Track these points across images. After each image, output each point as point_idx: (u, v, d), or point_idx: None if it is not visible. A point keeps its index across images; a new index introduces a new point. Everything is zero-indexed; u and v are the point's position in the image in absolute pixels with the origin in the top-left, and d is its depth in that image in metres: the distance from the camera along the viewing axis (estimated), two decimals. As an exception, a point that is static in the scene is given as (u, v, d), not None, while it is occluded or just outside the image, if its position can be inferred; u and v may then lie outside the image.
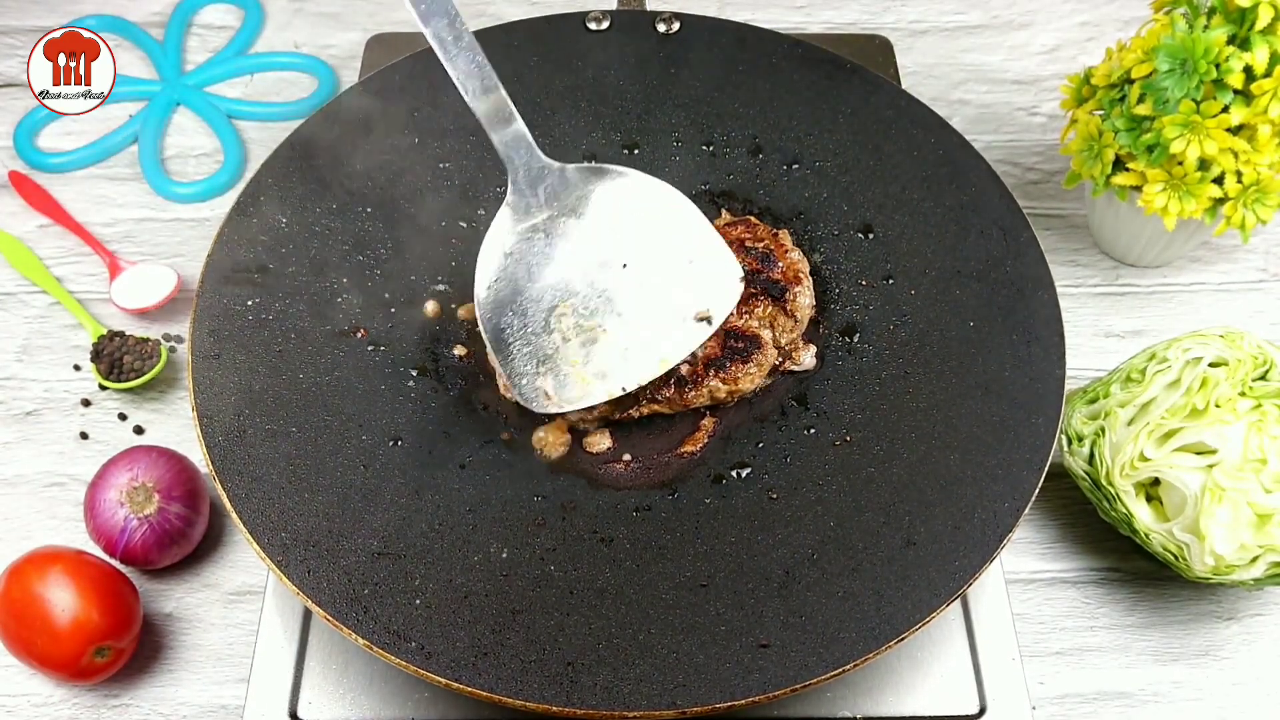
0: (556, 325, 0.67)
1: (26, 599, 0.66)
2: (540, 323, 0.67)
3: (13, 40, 1.04)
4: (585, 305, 0.68)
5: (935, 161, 0.78)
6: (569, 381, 0.66)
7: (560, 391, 0.66)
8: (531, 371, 0.66)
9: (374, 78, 0.81)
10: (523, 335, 0.67)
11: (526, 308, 0.68)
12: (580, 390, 0.66)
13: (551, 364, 0.66)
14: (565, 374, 0.66)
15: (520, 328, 0.67)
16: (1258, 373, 0.70)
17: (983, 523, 0.62)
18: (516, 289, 0.68)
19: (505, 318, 0.67)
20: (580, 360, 0.66)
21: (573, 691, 0.56)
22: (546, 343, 0.67)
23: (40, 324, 0.86)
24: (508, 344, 0.67)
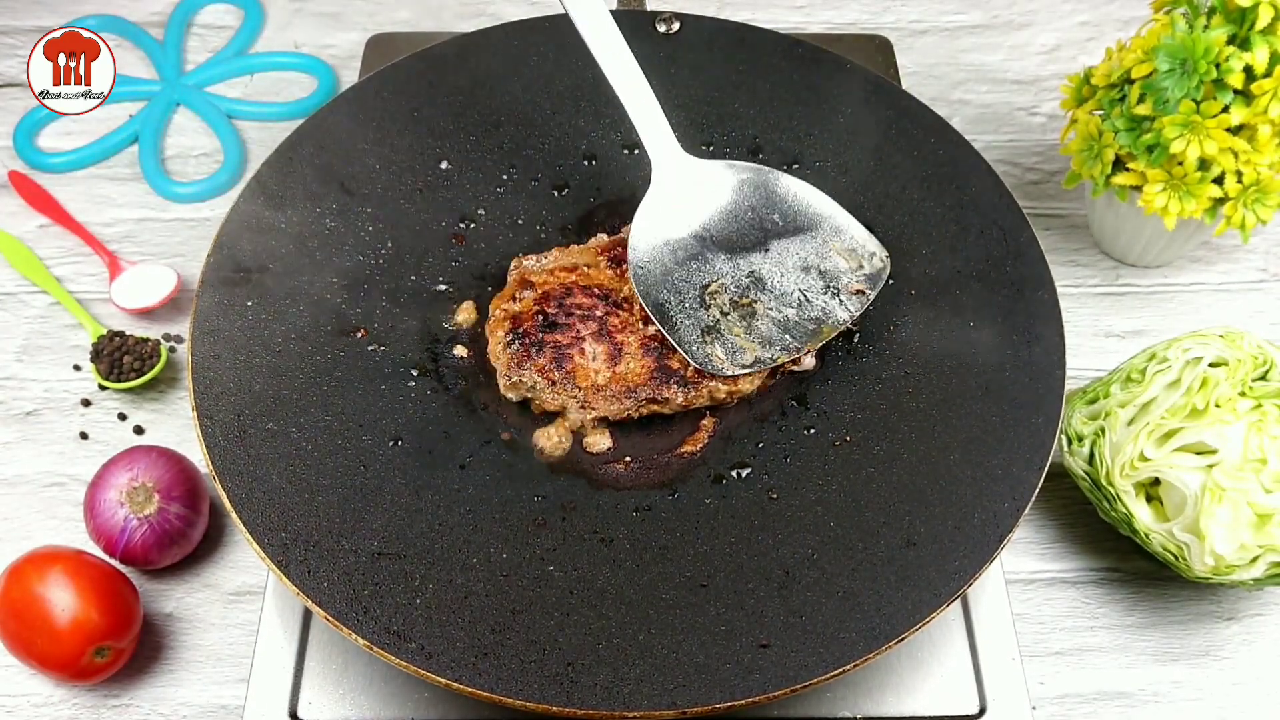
0: (712, 301, 0.70)
1: (26, 599, 0.66)
2: (695, 299, 0.70)
3: (13, 40, 1.04)
4: (735, 284, 0.71)
5: (935, 161, 0.78)
6: (738, 348, 0.69)
7: (732, 356, 0.68)
8: (699, 340, 0.69)
9: (374, 78, 0.81)
10: (682, 309, 0.70)
11: (679, 286, 0.71)
12: (751, 355, 0.69)
13: (716, 333, 0.69)
14: (732, 342, 0.69)
15: (678, 303, 0.70)
16: (1258, 373, 0.70)
17: (983, 523, 0.62)
18: (666, 269, 0.71)
19: (661, 294, 0.70)
20: (743, 331, 0.69)
21: (573, 691, 0.56)
22: (706, 316, 0.70)
23: (40, 324, 0.86)
24: (670, 317, 0.70)
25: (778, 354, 0.69)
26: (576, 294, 0.71)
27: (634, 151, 0.81)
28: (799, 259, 0.72)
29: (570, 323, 0.70)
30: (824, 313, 0.70)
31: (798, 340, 0.69)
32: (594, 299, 0.71)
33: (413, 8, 1.07)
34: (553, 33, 0.85)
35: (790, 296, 0.70)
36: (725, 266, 0.72)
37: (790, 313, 0.70)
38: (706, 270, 0.71)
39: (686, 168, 0.74)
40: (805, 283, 0.71)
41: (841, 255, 0.71)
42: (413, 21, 1.05)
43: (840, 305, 0.70)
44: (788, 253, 0.72)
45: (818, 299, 0.70)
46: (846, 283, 0.71)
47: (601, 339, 0.70)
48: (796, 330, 0.69)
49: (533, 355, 0.69)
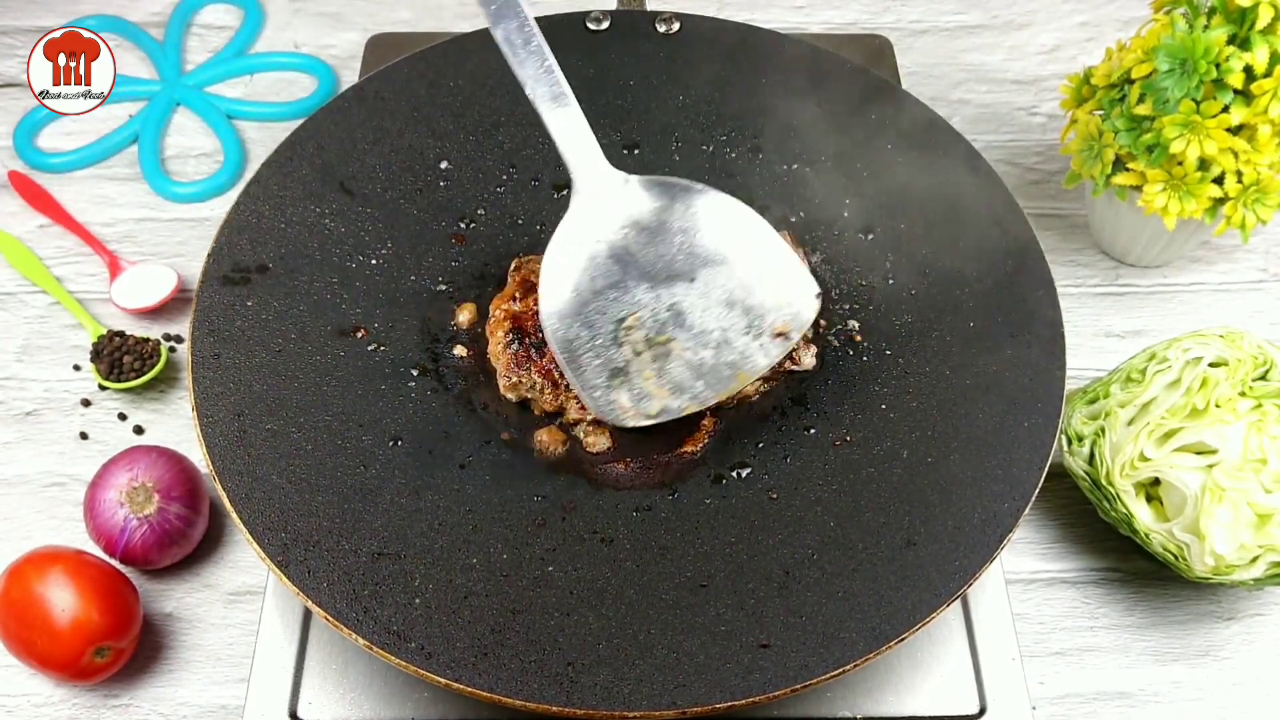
0: (626, 338, 0.65)
1: (26, 599, 0.66)
2: (609, 335, 0.65)
3: (13, 40, 1.04)
4: (654, 319, 0.66)
5: (935, 161, 0.78)
6: (645, 395, 0.65)
7: (638, 404, 0.65)
8: (604, 384, 0.65)
9: (374, 78, 0.81)
10: (592, 348, 0.65)
11: (593, 319, 0.66)
12: (658, 404, 0.64)
13: (625, 376, 0.65)
14: (640, 387, 0.65)
15: (589, 339, 0.65)
16: (1258, 373, 0.70)
17: (983, 523, 0.62)
18: (581, 300, 0.66)
19: (573, 329, 0.65)
20: (654, 374, 0.64)
21: (573, 691, 0.56)
22: (617, 355, 0.65)
23: (40, 324, 0.86)
24: (578, 356, 0.65)
25: (686, 403, 0.65)
26: (576, 294, 0.71)
27: (634, 151, 0.81)
28: (724, 292, 0.66)
29: (570, 323, 0.70)
30: (742, 356, 0.65)
31: (710, 388, 0.65)
32: (593, 299, 0.71)
33: (413, 8, 1.07)
34: (553, 33, 0.85)
35: (710, 336, 0.65)
36: (646, 297, 0.66)
37: (707, 355, 0.65)
38: (625, 302, 0.66)
39: (610, 185, 0.67)
40: (728, 320, 0.66)
41: (770, 289, 0.66)
42: (413, 21, 1.05)
43: (760, 349, 0.65)
44: (714, 284, 0.66)
45: (738, 340, 0.65)
46: (771, 321, 0.66)
47: (601, 339, 0.69)
48: (711, 376, 0.65)
49: (533, 356, 0.69)
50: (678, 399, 0.65)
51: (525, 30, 0.64)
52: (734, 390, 0.66)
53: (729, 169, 0.80)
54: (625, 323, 0.65)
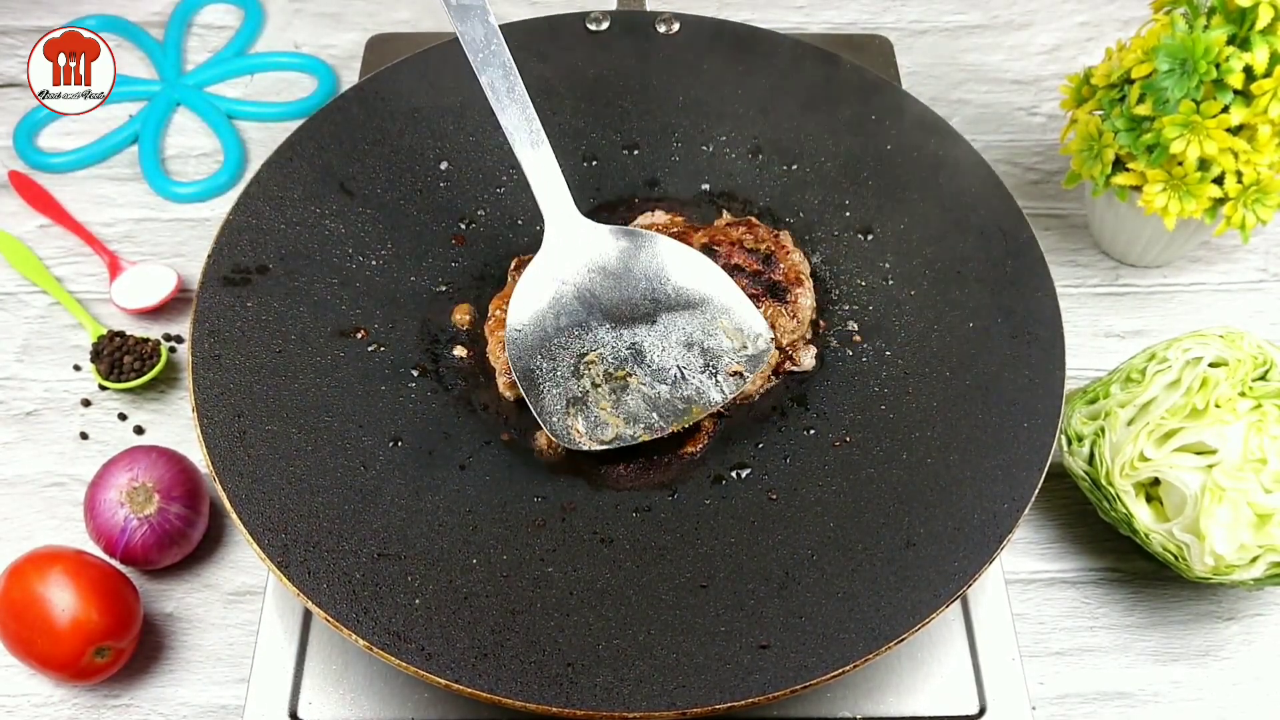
0: (586, 371, 0.68)
1: (26, 599, 0.66)
2: (569, 368, 0.68)
3: (13, 40, 1.04)
4: (614, 355, 0.69)
5: (935, 161, 0.78)
6: (600, 423, 0.67)
7: (593, 431, 0.67)
8: (561, 410, 0.67)
9: (374, 78, 0.81)
10: (552, 378, 0.68)
11: (555, 353, 0.69)
12: (613, 432, 0.67)
13: (581, 405, 0.67)
14: (596, 415, 0.67)
15: (550, 370, 0.68)
16: (1258, 373, 0.70)
17: (982, 523, 0.62)
18: (545, 334, 0.69)
19: (535, 360, 0.68)
20: (610, 405, 0.67)
21: (573, 692, 0.56)
22: (576, 386, 0.68)
23: (40, 324, 0.86)
24: (537, 385, 0.68)
25: (639, 432, 0.67)
26: (576, 295, 0.71)
27: (634, 151, 0.81)
28: (683, 334, 0.69)
29: (569, 323, 0.70)
30: (697, 392, 0.68)
31: (664, 420, 0.67)
32: (593, 300, 0.71)
33: (413, 8, 1.07)
34: (553, 33, 0.85)
35: (667, 373, 0.68)
36: (607, 336, 0.69)
37: (663, 390, 0.68)
38: (587, 339, 0.69)
39: (579, 231, 0.71)
40: (685, 359, 0.69)
41: (727, 334, 0.69)
42: (413, 21, 1.05)
43: (715, 386, 0.68)
44: (673, 326, 0.70)
45: (694, 377, 0.68)
46: (726, 363, 0.69)
47: (601, 340, 0.70)
48: (665, 409, 0.67)
49: (532, 356, 0.69)
50: (631, 428, 0.67)
51: (509, 79, 0.69)
52: (687, 422, 0.68)
53: (729, 169, 0.80)
54: (586, 357, 0.69)
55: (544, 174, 0.70)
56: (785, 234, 0.76)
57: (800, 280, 0.73)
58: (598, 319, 0.70)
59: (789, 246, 0.75)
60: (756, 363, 0.69)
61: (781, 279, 0.72)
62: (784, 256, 0.74)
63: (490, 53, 0.68)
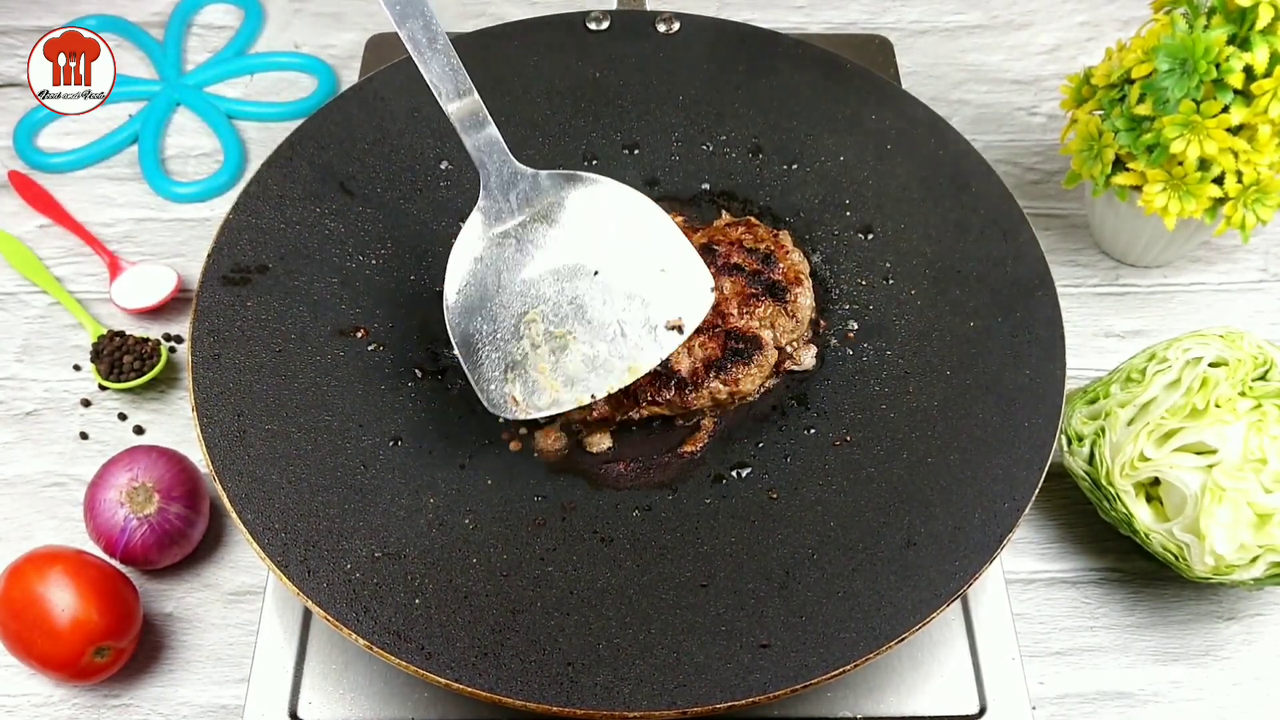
0: (526, 332, 0.66)
1: (26, 599, 0.66)
2: (510, 329, 0.66)
3: (13, 40, 1.04)
4: (555, 312, 0.67)
5: (935, 161, 0.78)
6: (538, 388, 0.65)
7: (529, 398, 0.65)
8: (499, 377, 0.66)
9: (374, 78, 0.81)
10: (492, 341, 0.66)
11: (496, 313, 0.67)
12: (549, 397, 0.65)
13: (520, 370, 0.66)
14: (534, 380, 0.66)
15: (489, 333, 0.66)
16: (1258, 373, 0.70)
17: (983, 523, 0.62)
18: (485, 294, 0.67)
19: (474, 323, 0.66)
20: (549, 367, 0.66)
21: (573, 691, 0.56)
22: (515, 349, 0.66)
23: (40, 324, 0.86)
24: (476, 349, 0.66)
25: (577, 395, 0.66)
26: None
27: (634, 151, 0.81)
28: (626, 284, 0.67)
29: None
30: (635, 349, 0.66)
31: (601, 380, 0.66)
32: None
33: (413, 8, 1.07)
34: (553, 33, 0.85)
35: (607, 329, 0.66)
36: (550, 290, 0.67)
37: (602, 348, 0.66)
38: (529, 296, 0.67)
39: (517, 179, 0.68)
40: (627, 313, 0.67)
41: (669, 283, 0.67)
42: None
43: (654, 342, 0.66)
44: (616, 277, 0.67)
45: (633, 333, 0.66)
46: (666, 315, 0.67)
47: (600, 339, 0.70)
48: (603, 369, 0.66)
49: (532, 355, 0.69)
50: (569, 391, 0.66)
51: (430, 28, 0.66)
52: (623, 384, 0.66)
53: (729, 169, 0.80)
54: (527, 316, 0.67)
55: (473, 124, 0.67)
56: (785, 234, 0.76)
57: (800, 280, 0.73)
58: (538, 272, 0.67)
59: (788, 246, 0.75)
60: (695, 314, 0.67)
61: (781, 279, 0.72)
62: (784, 256, 0.74)
63: (409, 3, 0.66)
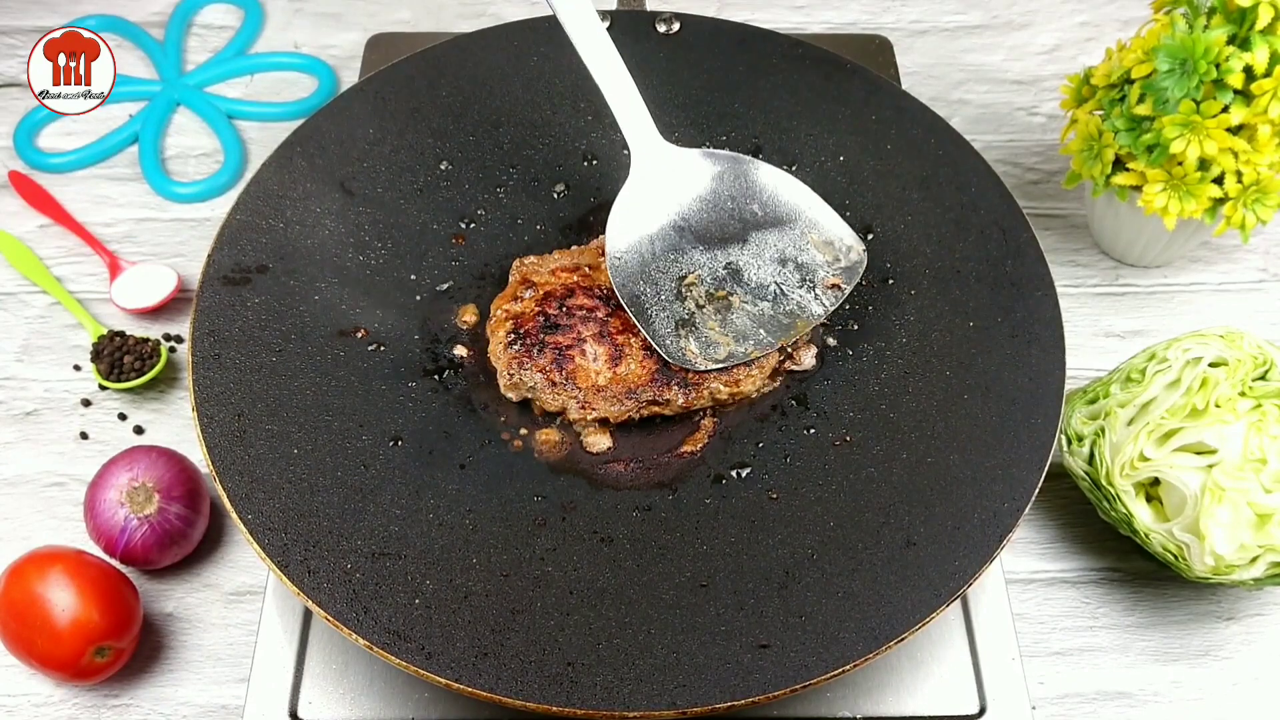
0: (688, 294, 0.70)
1: (26, 599, 0.66)
2: (672, 291, 0.70)
3: (13, 40, 1.04)
4: (712, 276, 0.71)
5: (935, 161, 0.78)
6: (711, 342, 0.69)
7: (706, 351, 0.68)
8: (673, 334, 0.69)
9: (374, 78, 0.81)
10: (657, 302, 0.70)
11: (656, 277, 0.71)
12: (725, 350, 0.68)
13: (691, 326, 0.69)
14: (707, 335, 0.69)
15: (654, 295, 0.70)
16: (1258, 373, 0.70)
17: (983, 523, 0.62)
18: (644, 260, 0.71)
19: (638, 286, 0.70)
20: (718, 325, 0.69)
21: (573, 691, 0.56)
22: (681, 309, 0.70)
23: (40, 324, 0.86)
24: (645, 310, 0.69)
25: (751, 349, 0.69)
26: (578, 295, 0.72)
27: (634, 151, 0.81)
28: (776, 251, 0.72)
29: (572, 324, 0.70)
30: (799, 307, 0.70)
31: (771, 335, 0.69)
32: (595, 300, 0.71)
33: (413, 8, 1.07)
34: (553, 33, 0.84)
35: (766, 290, 0.70)
36: (702, 258, 0.72)
37: (765, 306, 0.70)
38: (684, 262, 0.71)
39: (666, 157, 0.73)
40: (781, 276, 0.71)
41: (818, 248, 0.71)
42: (413, 21, 1.05)
43: (815, 300, 0.70)
44: (765, 244, 0.72)
45: (793, 293, 0.70)
46: (823, 276, 0.71)
47: (603, 340, 0.70)
48: (771, 325, 0.69)
49: (534, 355, 0.69)
50: (742, 345, 0.69)
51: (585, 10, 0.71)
52: (794, 336, 0.70)
53: (729, 169, 0.80)
54: (686, 279, 0.70)
55: (627, 102, 0.72)
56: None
57: (801, 280, 0.73)
58: (690, 242, 0.72)
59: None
60: (852, 275, 0.71)
61: (782, 278, 0.73)
62: (785, 256, 0.74)
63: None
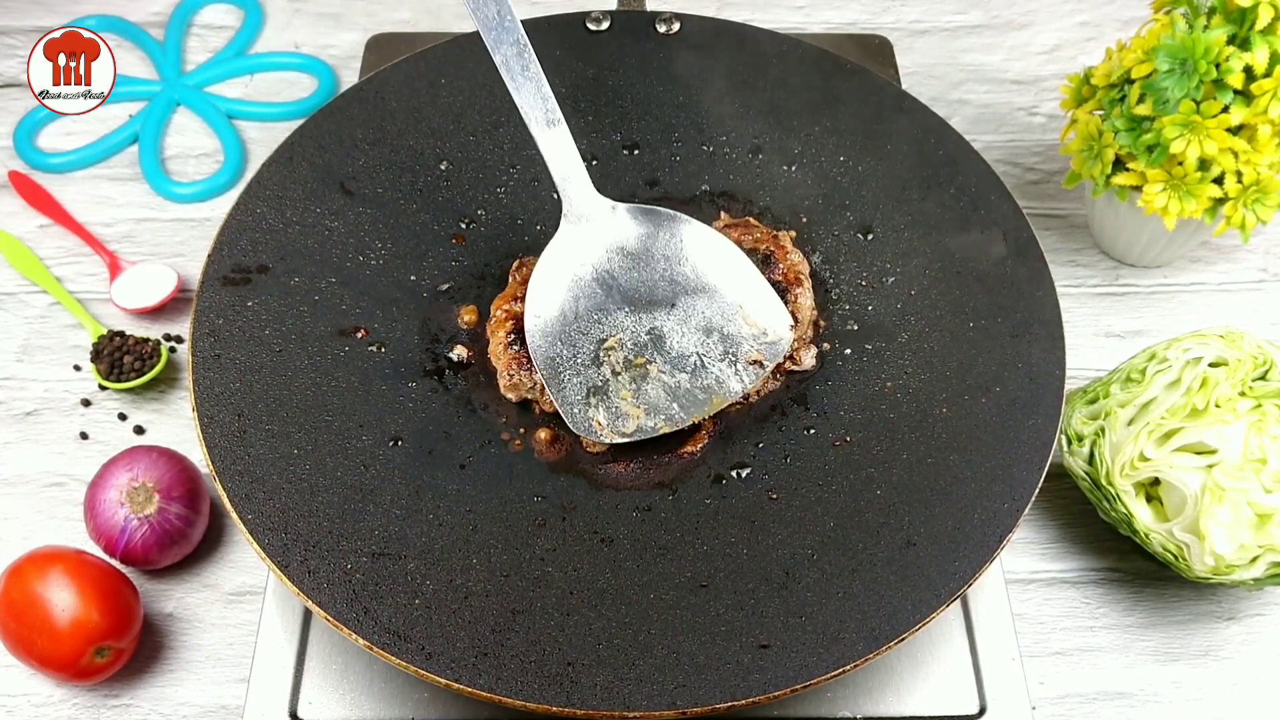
0: (605, 359, 0.68)
1: (26, 599, 0.66)
2: (589, 355, 0.68)
3: (13, 40, 1.04)
4: (633, 341, 0.68)
5: (935, 161, 0.78)
6: (621, 414, 0.67)
7: (614, 423, 0.67)
8: (582, 401, 0.67)
9: (374, 78, 0.81)
10: (572, 365, 0.68)
11: (575, 339, 0.68)
12: (634, 424, 0.67)
13: (603, 395, 0.67)
14: (617, 406, 0.67)
15: (570, 358, 0.68)
16: (1258, 373, 0.70)
17: (983, 523, 0.62)
18: (565, 320, 0.69)
19: (555, 347, 0.68)
20: (631, 394, 0.67)
21: (573, 691, 0.56)
22: (596, 375, 0.67)
23: (40, 324, 0.86)
24: (559, 373, 0.68)
25: (660, 423, 0.67)
26: (576, 295, 0.71)
27: (634, 151, 0.81)
28: (703, 319, 0.69)
29: (570, 323, 0.70)
30: (717, 381, 0.68)
31: (684, 410, 0.67)
32: (593, 300, 0.71)
33: (413, 8, 1.07)
34: (553, 33, 0.85)
35: (686, 360, 0.68)
36: (627, 320, 0.69)
37: (683, 378, 0.67)
38: (606, 324, 0.69)
39: (598, 212, 0.70)
40: (705, 346, 0.68)
41: (746, 321, 0.69)
42: (413, 21, 1.05)
43: (735, 375, 0.68)
44: (693, 310, 0.69)
45: (713, 365, 0.68)
46: (746, 350, 0.68)
47: (601, 340, 0.70)
48: (685, 399, 0.67)
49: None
50: (652, 419, 0.67)
51: (523, 56, 0.67)
52: (707, 413, 0.68)
53: (729, 169, 0.80)
54: (606, 343, 0.68)
55: (560, 154, 0.69)
56: (784, 234, 0.76)
57: (800, 280, 0.73)
58: (616, 302, 0.69)
59: (788, 247, 0.75)
60: (776, 351, 0.69)
61: (781, 279, 0.72)
62: (783, 257, 0.74)
63: (503, 29, 0.67)
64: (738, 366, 0.68)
